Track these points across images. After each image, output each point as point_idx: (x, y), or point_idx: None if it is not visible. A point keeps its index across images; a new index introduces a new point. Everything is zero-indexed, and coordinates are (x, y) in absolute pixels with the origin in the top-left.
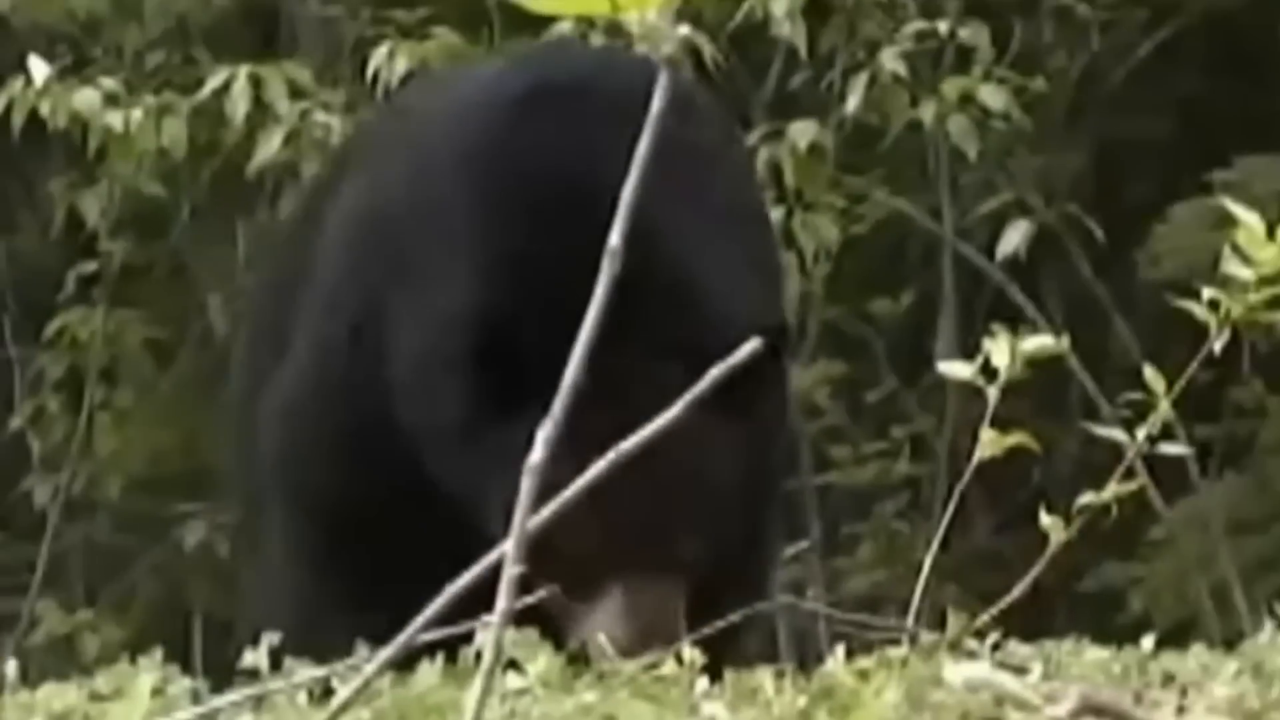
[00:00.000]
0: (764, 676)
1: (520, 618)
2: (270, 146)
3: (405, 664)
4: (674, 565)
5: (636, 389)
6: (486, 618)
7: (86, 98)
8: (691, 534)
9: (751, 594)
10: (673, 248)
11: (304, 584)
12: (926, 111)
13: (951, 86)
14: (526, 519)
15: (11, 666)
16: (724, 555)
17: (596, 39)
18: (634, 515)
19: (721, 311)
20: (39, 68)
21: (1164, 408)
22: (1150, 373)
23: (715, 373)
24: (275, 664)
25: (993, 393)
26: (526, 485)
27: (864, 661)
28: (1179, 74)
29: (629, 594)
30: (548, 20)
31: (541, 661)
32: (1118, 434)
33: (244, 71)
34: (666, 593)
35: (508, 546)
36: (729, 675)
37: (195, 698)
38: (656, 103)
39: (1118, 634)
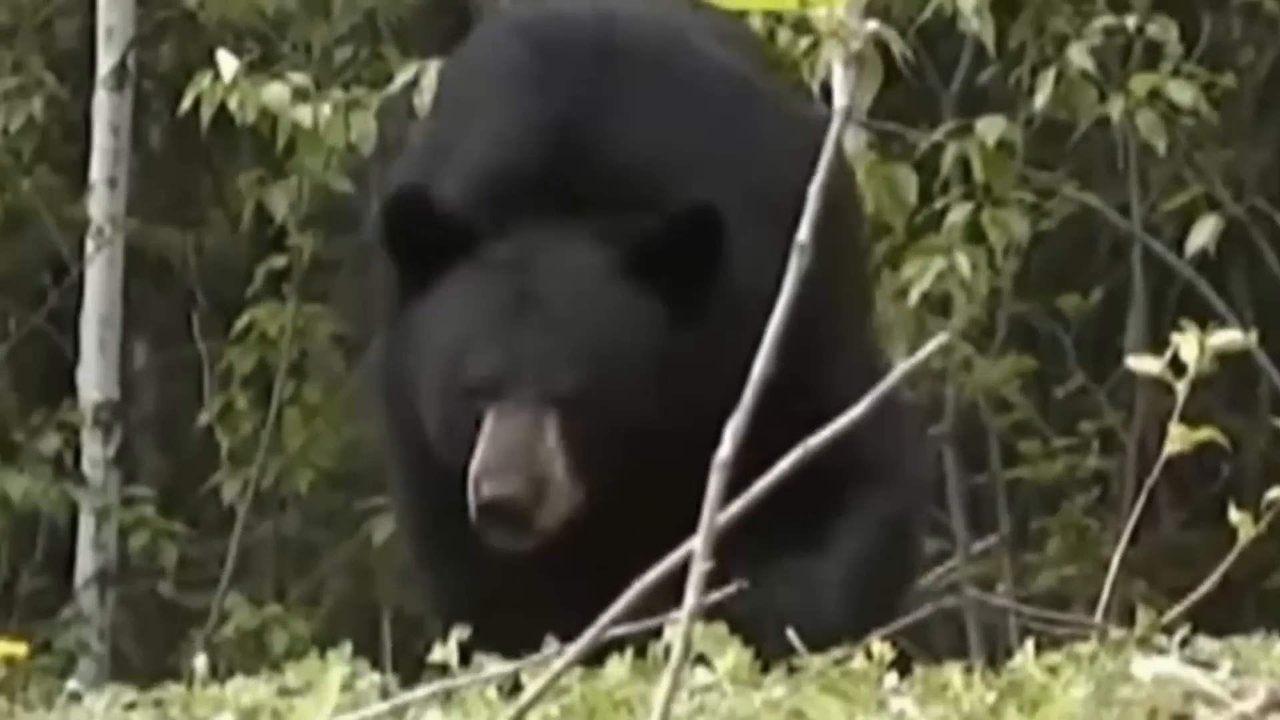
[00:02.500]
0: (953, 672)
1: None
2: None
3: (593, 658)
4: (545, 397)
5: (552, 262)
6: (674, 612)
7: (275, 92)
8: (566, 370)
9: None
10: (625, 128)
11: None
12: (1115, 107)
13: (1140, 82)
14: (715, 514)
15: (201, 661)
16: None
17: (784, 34)
18: (509, 345)
19: (669, 200)
20: (228, 63)
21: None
22: None
23: None
24: (464, 659)
25: (1181, 388)
26: (715, 482)
27: (1053, 657)
28: None
29: (494, 420)
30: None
31: (730, 656)
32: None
33: (433, 66)
34: (531, 421)
35: (696, 542)
36: (918, 670)
37: (384, 693)
38: None
39: None
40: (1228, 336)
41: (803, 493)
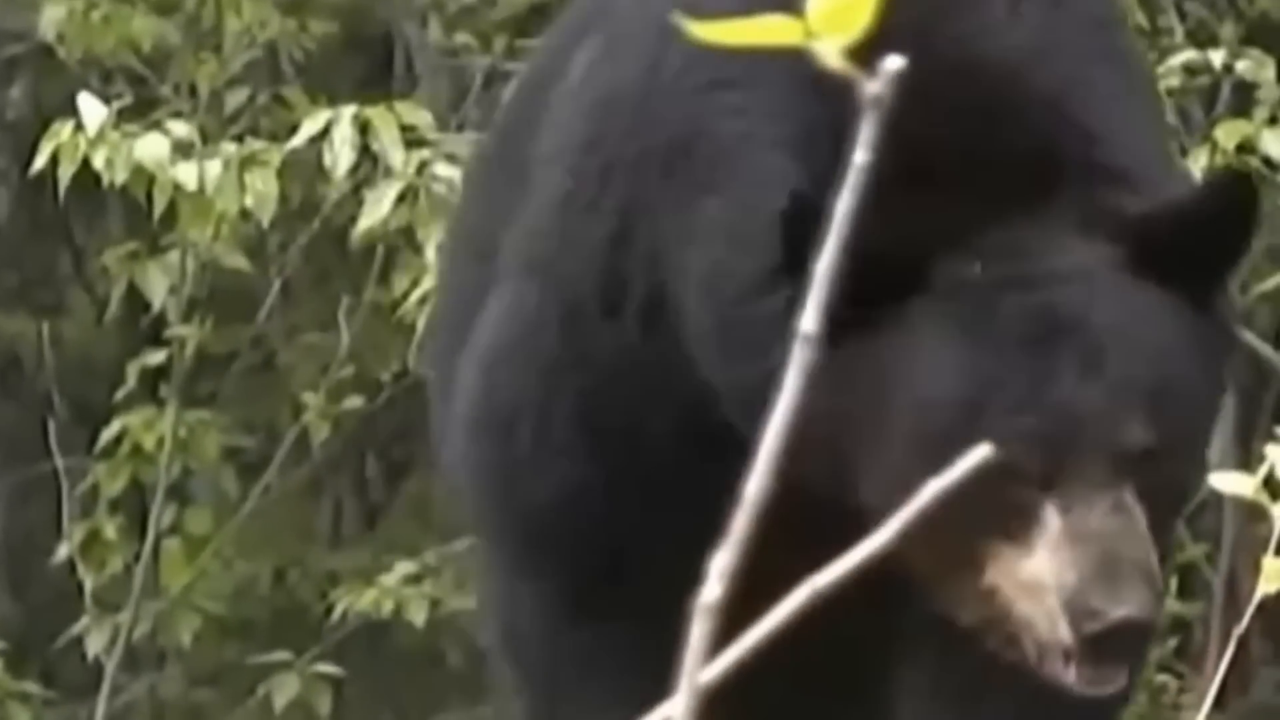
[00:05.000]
0: None
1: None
2: (380, 207)
3: None
4: (1123, 469)
5: (1059, 268)
6: None
7: (152, 146)
8: (1142, 423)
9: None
10: (1057, 92)
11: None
12: (1197, 162)
13: (1228, 132)
14: (698, 668)
15: None
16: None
17: None
18: (1060, 408)
19: (1136, 172)
20: (93, 109)
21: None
22: None
23: None
24: None
25: (1277, 512)
26: (699, 629)
27: None
28: None
29: (1071, 513)
30: None
31: None
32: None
33: (348, 114)
34: (1125, 505)
35: (676, 706)
36: None
37: None
38: None
39: None
40: None
41: None
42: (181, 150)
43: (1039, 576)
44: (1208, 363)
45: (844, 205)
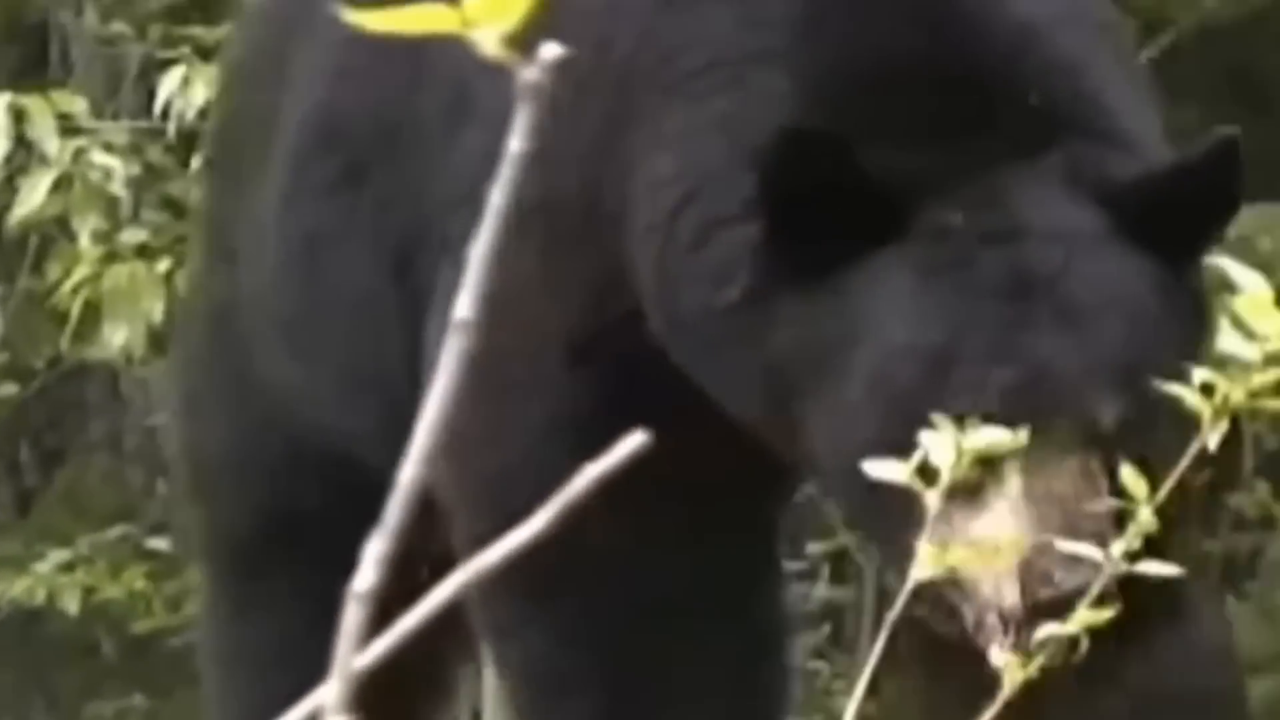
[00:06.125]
0: None
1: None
2: (35, 195)
3: None
4: (1092, 437)
5: (1042, 224)
6: None
7: None
8: (1115, 392)
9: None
10: (1063, 56)
11: None
12: None
13: None
14: (351, 653)
15: None
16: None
17: None
18: (1034, 366)
19: (1132, 133)
20: None
21: (1145, 517)
22: (1130, 475)
23: None
24: None
25: (932, 499)
26: (352, 615)
27: None
28: None
29: (1031, 476)
30: None
31: None
32: (1091, 550)
33: (3, 102)
34: (1085, 473)
35: (328, 692)
36: None
37: None
38: None
39: None
40: (989, 433)
41: None
42: None
43: (994, 535)
44: (1184, 334)
45: (500, 196)
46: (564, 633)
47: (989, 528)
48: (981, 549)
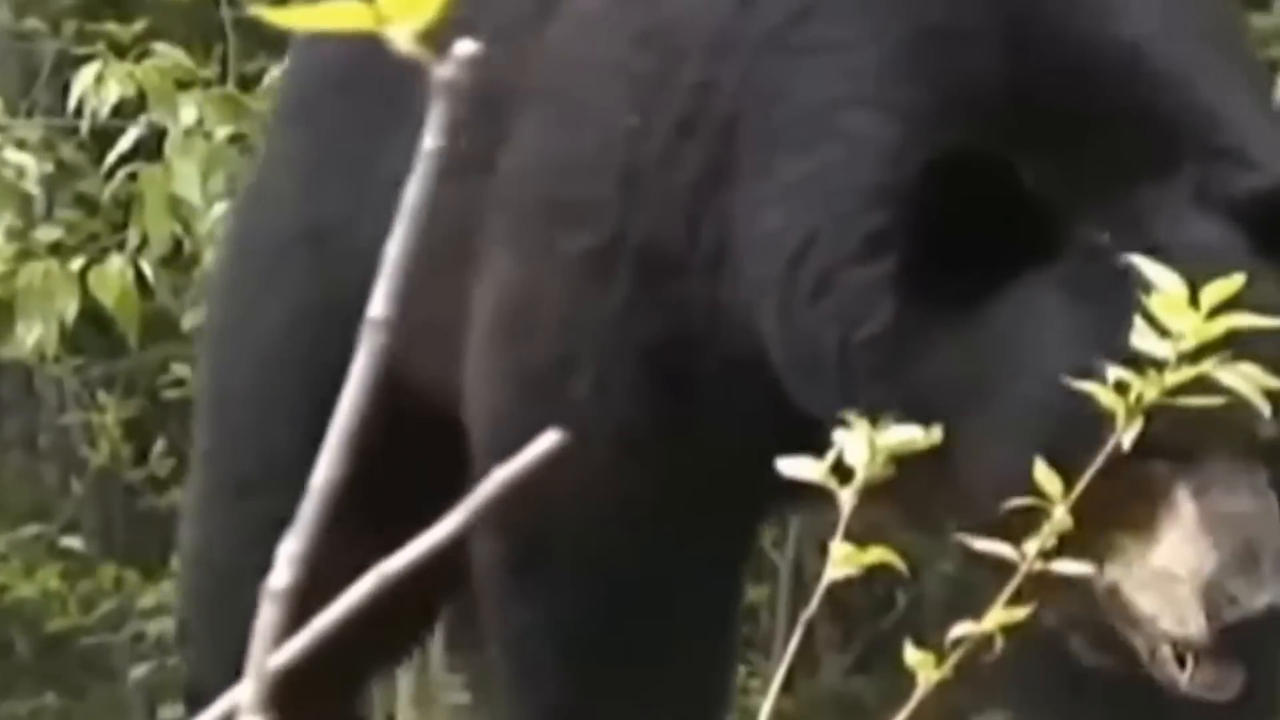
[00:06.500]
0: None
1: None
2: None
3: None
4: (1254, 451)
5: (1186, 241)
6: None
7: None
8: (1270, 407)
9: None
10: (1175, 70)
11: None
12: None
13: None
14: (266, 652)
15: None
16: None
17: None
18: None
19: (1253, 146)
20: None
21: (1060, 515)
22: (1044, 472)
23: None
24: None
25: (847, 496)
26: (267, 614)
27: None
28: None
29: (1208, 496)
30: (289, 37)
31: None
32: (1004, 548)
33: None
34: (1263, 489)
35: (243, 691)
36: None
37: None
38: None
39: None
40: (905, 432)
41: None
42: None
43: (1170, 566)
44: None
45: (414, 195)
46: (550, 612)
47: (1165, 557)
48: (1155, 579)
